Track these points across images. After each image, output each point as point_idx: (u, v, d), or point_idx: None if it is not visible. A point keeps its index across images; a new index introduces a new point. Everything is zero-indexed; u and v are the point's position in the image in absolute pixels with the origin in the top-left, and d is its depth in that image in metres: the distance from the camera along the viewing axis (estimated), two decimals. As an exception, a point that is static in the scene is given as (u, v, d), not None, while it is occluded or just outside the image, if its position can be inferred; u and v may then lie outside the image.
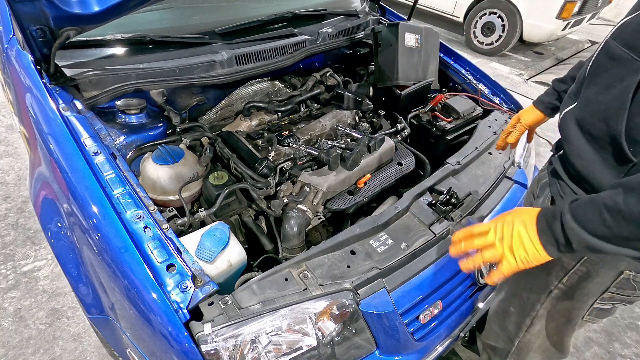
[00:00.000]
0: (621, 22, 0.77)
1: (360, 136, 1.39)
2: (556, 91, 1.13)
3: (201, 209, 1.15)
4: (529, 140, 1.30)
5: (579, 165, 0.83)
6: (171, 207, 1.10)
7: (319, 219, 1.37)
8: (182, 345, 0.79)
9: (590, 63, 0.83)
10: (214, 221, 1.13)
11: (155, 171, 1.18)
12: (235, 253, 1.01)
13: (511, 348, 1.17)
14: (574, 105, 0.86)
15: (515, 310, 1.10)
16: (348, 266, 0.98)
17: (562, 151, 0.91)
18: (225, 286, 0.95)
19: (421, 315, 1.03)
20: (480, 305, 1.22)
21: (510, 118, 1.63)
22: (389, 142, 1.43)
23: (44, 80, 1.13)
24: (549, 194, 0.97)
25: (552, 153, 1.01)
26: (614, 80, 0.74)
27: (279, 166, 1.34)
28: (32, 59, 1.13)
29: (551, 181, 0.96)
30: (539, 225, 0.73)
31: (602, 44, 0.80)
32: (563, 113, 0.89)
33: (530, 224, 0.74)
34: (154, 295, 0.81)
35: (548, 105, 1.15)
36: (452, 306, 1.13)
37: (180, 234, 1.02)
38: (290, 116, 1.67)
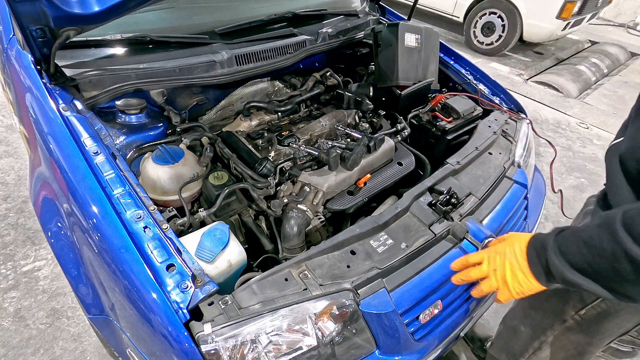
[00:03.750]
0: None
1: (360, 136, 1.38)
2: None
3: (201, 209, 1.15)
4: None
5: (613, 202, 0.80)
6: (171, 207, 1.10)
7: (319, 219, 1.37)
8: (182, 345, 0.79)
9: None
10: (214, 221, 1.13)
11: (155, 171, 1.18)
12: (235, 253, 1.01)
13: None
14: (621, 139, 0.82)
15: (525, 330, 1.07)
16: (348, 266, 0.98)
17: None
18: (225, 286, 0.95)
19: (421, 315, 1.03)
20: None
21: (510, 118, 1.63)
22: (389, 142, 1.43)
23: (44, 80, 1.13)
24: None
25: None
26: None
27: (279, 166, 1.34)
28: (32, 59, 1.13)
29: (595, 211, 0.92)
30: (529, 256, 0.73)
31: None
32: (609, 145, 0.86)
33: (521, 253, 0.74)
34: (154, 295, 0.81)
35: None
36: (452, 306, 1.13)
37: (180, 234, 1.02)
38: (290, 116, 1.67)
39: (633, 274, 0.58)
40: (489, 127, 1.53)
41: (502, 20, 4.61)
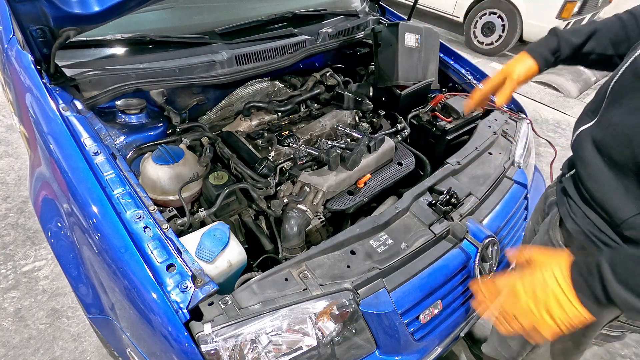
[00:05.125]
0: None
1: (360, 136, 1.38)
2: (559, 42, 0.94)
3: (201, 209, 1.15)
4: (503, 101, 1.01)
5: (595, 190, 0.76)
6: (171, 207, 1.10)
7: (319, 219, 1.37)
8: (182, 345, 0.79)
9: (614, 80, 0.76)
10: (214, 221, 1.13)
11: (155, 171, 1.18)
12: (235, 253, 1.01)
13: None
14: (591, 124, 0.79)
15: None
16: (348, 266, 0.98)
17: (573, 171, 0.84)
18: (225, 286, 0.95)
19: (421, 315, 1.03)
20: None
21: (510, 118, 1.63)
22: (389, 142, 1.43)
23: (44, 80, 1.13)
24: (557, 214, 0.92)
25: (561, 171, 0.94)
26: None
27: (279, 166, 1.34)
28: (32, 59, 1.13)
29: (560, 200, 0.89)
30: (576, 284, 0.65)
31: (630, 62, 0.73)
32: (578, 132, 0.83)
33: (565, 281, 0.65)
34: (154, 295, 0.81)
35: (546, 57, 0.96)
36: (452, 306, 1.13)
37: (180, 234, 1.02)
38: (290, 116, 1.67)
39: None
40: (489, 127, 1.53)
41: (502, 21, 4.61)
